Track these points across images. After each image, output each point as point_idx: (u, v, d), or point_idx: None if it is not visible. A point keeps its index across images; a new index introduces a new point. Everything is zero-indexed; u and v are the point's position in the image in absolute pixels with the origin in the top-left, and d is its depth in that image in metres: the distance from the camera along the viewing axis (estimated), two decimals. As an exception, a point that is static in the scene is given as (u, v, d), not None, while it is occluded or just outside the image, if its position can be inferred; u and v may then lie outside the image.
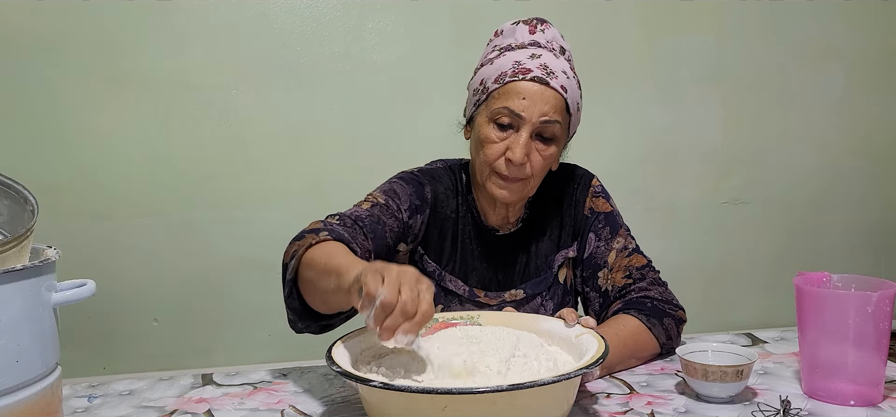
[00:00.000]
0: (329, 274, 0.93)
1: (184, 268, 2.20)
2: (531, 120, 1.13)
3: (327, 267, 0.94)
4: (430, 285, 0.83)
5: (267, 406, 1.02)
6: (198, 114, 2.16)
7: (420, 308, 0.80)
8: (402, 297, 0.79)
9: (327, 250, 0.99)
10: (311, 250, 1.00)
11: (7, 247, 0.79)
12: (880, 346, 0.94)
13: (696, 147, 2.50)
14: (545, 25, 1.20)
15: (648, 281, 1.23)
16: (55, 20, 2.05)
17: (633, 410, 0.97)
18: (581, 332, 0.97)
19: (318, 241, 1.02)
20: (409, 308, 0.79)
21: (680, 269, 2.09)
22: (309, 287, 1.00)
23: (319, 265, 0.97)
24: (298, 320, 1.06)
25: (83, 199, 2.12)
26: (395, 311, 0.79)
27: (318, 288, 0.97)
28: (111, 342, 2.19)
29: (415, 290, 0.80)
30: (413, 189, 1.23)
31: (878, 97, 2.62)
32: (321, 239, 1.02)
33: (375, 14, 2.24)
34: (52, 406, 0.83)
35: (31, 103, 2.07)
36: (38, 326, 0.80)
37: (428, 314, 0.80)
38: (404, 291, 0.79)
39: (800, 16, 2.50)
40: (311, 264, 0.99)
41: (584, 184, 1.30)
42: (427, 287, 0.82)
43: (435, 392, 0.75)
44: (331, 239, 1.03)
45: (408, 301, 0.79)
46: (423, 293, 0.81)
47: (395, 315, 0.79)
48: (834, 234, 2.66)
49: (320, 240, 1.02)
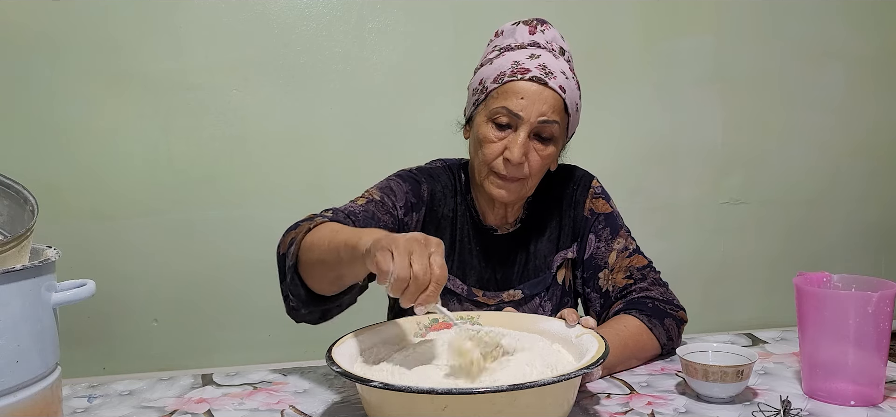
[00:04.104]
0: (338, 249, 0.93)
1: (184, 268, 2.20)
2: (529, 120, 1.13)
3: (334, 242, 0.94)
4: (439, 245, 0.84)
5: (267, 406, 1.02)
6: (198, 114, 2.16)
7: (433, 276, 0.82)
8: (414, 270, 0.80)
9: (328, 230, 0.99)
10: (310, 234, 1.00)
11: (7, 247, 0.79)
12: (880, 346, 0.94)
13: (696, 147, 2.50)
14: (545, 26, 1.20)
15: (649, 282, 1.23)
16: (55, 20, 2.05)
17: (634, 410, 0.97)
18: (581, 332, 0.97)
19: (314, 226, 1.02)
20: (422, 280, 0.81)
21: (680, 269, 2.09)
22: (315, 268, 1.00)
23: (323, 244, 0.97)
24: (301, 306, 1.04)
25: (83, 199, 2.12)
26: (410, 287, 0.81)
27: (327, 264, 0.97)
28: (111, 342, 2.19)
29: (424, 260, 0.81)
30: (409, 186, 1.23)
31: (878, 97, 2.62)
32: (317, 223, 1.03)
33: (375, 14, 2.24)
34: (52, 406, 0.83)
35: (31, 103, 2.07)
36: (37, 326, 0.80)
37: (441, 278, 0.82)
38: (415, 262, 0.81)
39: (800, 16, 2.50)
40: (314, 246, 0.98)
41: (583, 184, 1.30)
42: (436, 248, 0.84)
43: (435, 393, 0.75)
44: (327, 220, 1.04)
45: (420, 273, 0.80)
46: (433, 257, 0.82)
47: (411, 290, 0.81)
48: (834, 234, 2.66)
49: (316, 224, 1.02)
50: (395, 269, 0.80)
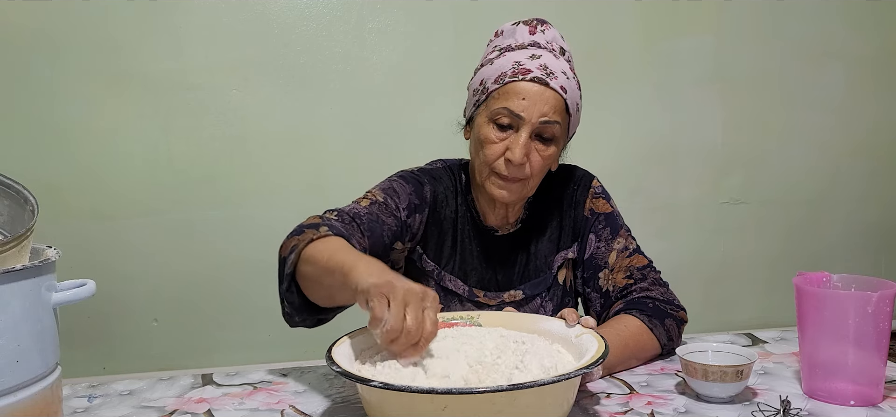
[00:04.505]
0: (333, 272, 0.93)
1: (184, 268, 2.20)
2: (531, 120, 1.13)
3: (330, 263, 0.94)
4: (434, 299, 0.84)
5: (267, 406, 1.02)
6: (198, 114, 2.16)
7: (424, 332, 0.82)
8: (407, 323, 0.80)
9: (329, 246, 0.99)
10: (311, 245, 1.00)
11: (7, 247, 0.79)
12: (880, 346, 0.94)
13: (696, 147, 2.50)
14: (545, 26, 1.20)
15: (649, 282, 1.23)
16: (55, 20, 2.05)
17: (633, 410, 0.97)
18: (581, 332, 0.97)
19: (318, 237, 1.02)
20: (414, 334, 0.81)
21: (680, 269, 2.09)
22: (311, 282, 1.00)
23: (321, 261, 0.97)
24: (295, 313, 1.05)
25: (83, 199, 2.12)
26: (400, 338, 0.81)
27: (321, 284, 0.98)
28: (111, 342, 2.19)
29: (418, 314, 0.82)
30: (412, 188, 1.23)
31: (878, 97, 2.62)
32: (321, 235, 1.02)
33: (375, 14, 2.24)
34: (52, 406, 0.83)
35: (31, 103, 2.07)
36: (37, 326, 0.80)
37: (431, 335, 0.83)
38: (409, 316, 0.81)
39: (800, 16, 2.50)
40: (312, 260, 0.98)
41: (584, 184, 1.30)
42: (432, 303, 0.84)
43: (435, 393, 0.75)
44: (331, 234, 1.03)
45: (412, 327, 0.81)
46: (427, 313, 0.83)
47: (401, 342, 0.81)
48: (834, 234, 2.66)
49: (320, 236, 1.02)
50: (390, 319, 0.80)
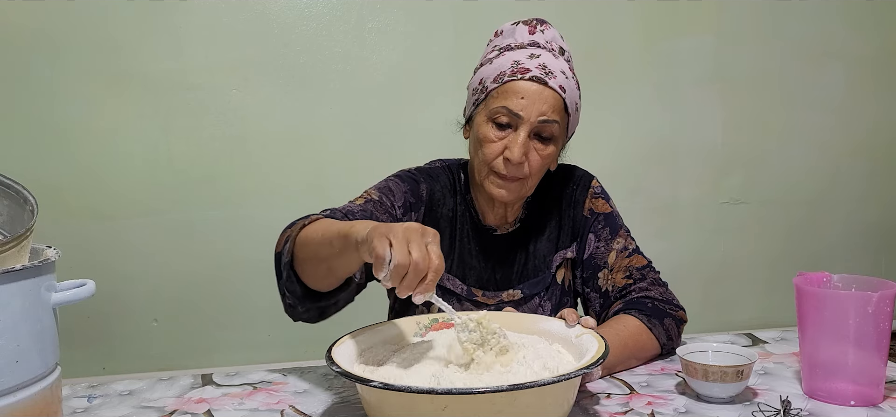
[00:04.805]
0: (331, 241, 0.93)
1: (184, 268, 2.20)
2: (529, 119, 1.13)
3: (326, 235, 0.95)
4: (435, 236, 0.85)
5: (267, 406, 1.02)
6: (198, 114, 2.16)
7: (431, 265, 0.82)
8: (413, 257, 0.80)
9: (321, 224, 1.00)
10: (304, 230, 1.01)
11: (7, 247, 0.79)
12: (880, 346, 0.94)
13: (696, 147, 2.50)
14: (545, 26, 1.20)
15: (649, 282, 1.23)
16: (55, 20, 2.05)
17: (634, 410, 0.97)
18: (581, 332, 0.97)
19: (309, 222, 1.02)
20: (422, 267, 0.81)
21: (680, 269, 2.10)
22: (310, 264, 1.00)
23: (316, 238, 0.97)
24: (298, 303, 1.05)
25: (83, 199, 2.12)
26: (408, 274, 0.81)
27: (320, 258, 0.98)
28: (111, 342, 2.19)
29: (423, 248, 0.82)
30: (408, 186, 1.23)
31: (878, 97, 2.62)
32: (312, 219, 1.03)
33: (375, 14, 2.24)
34: (51, 406, 0.83)
35: (31, 103, 2.07)
36: (37, 326, 0.80)
37: (439, 268, 0.83)
38: (414, 250, 0.81)
39: (800, 16, 2.50)
40: (308, 241, 0.99)
41: (583, 184, 1.30)
42: (433, 238, 0.84)
43: (435, 393, 0.75)
44: (321, 216, 1.05)
45: (419, 261, 0.81)
46: (430, 247, 0.83)
47: (410, 277, 0.81)
48: (834, 234, 2.66)
49: (311, 220, 1.03)
50: (395, 256, 0.80)
